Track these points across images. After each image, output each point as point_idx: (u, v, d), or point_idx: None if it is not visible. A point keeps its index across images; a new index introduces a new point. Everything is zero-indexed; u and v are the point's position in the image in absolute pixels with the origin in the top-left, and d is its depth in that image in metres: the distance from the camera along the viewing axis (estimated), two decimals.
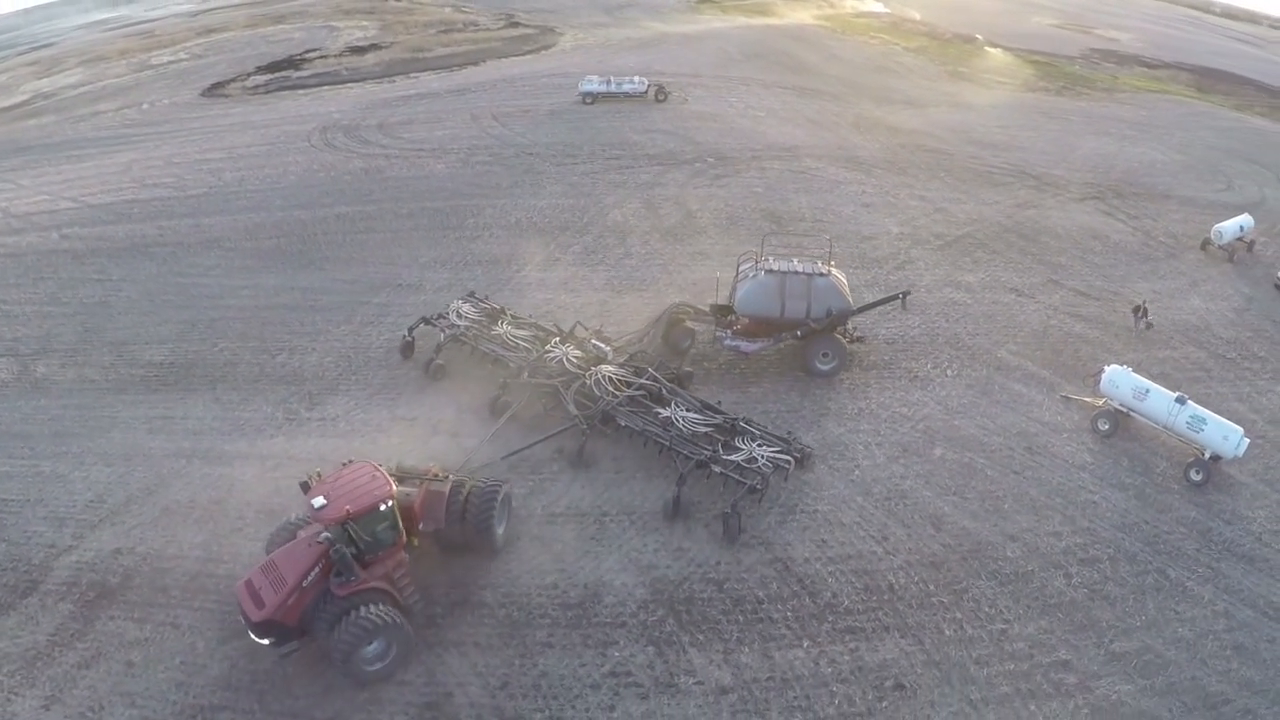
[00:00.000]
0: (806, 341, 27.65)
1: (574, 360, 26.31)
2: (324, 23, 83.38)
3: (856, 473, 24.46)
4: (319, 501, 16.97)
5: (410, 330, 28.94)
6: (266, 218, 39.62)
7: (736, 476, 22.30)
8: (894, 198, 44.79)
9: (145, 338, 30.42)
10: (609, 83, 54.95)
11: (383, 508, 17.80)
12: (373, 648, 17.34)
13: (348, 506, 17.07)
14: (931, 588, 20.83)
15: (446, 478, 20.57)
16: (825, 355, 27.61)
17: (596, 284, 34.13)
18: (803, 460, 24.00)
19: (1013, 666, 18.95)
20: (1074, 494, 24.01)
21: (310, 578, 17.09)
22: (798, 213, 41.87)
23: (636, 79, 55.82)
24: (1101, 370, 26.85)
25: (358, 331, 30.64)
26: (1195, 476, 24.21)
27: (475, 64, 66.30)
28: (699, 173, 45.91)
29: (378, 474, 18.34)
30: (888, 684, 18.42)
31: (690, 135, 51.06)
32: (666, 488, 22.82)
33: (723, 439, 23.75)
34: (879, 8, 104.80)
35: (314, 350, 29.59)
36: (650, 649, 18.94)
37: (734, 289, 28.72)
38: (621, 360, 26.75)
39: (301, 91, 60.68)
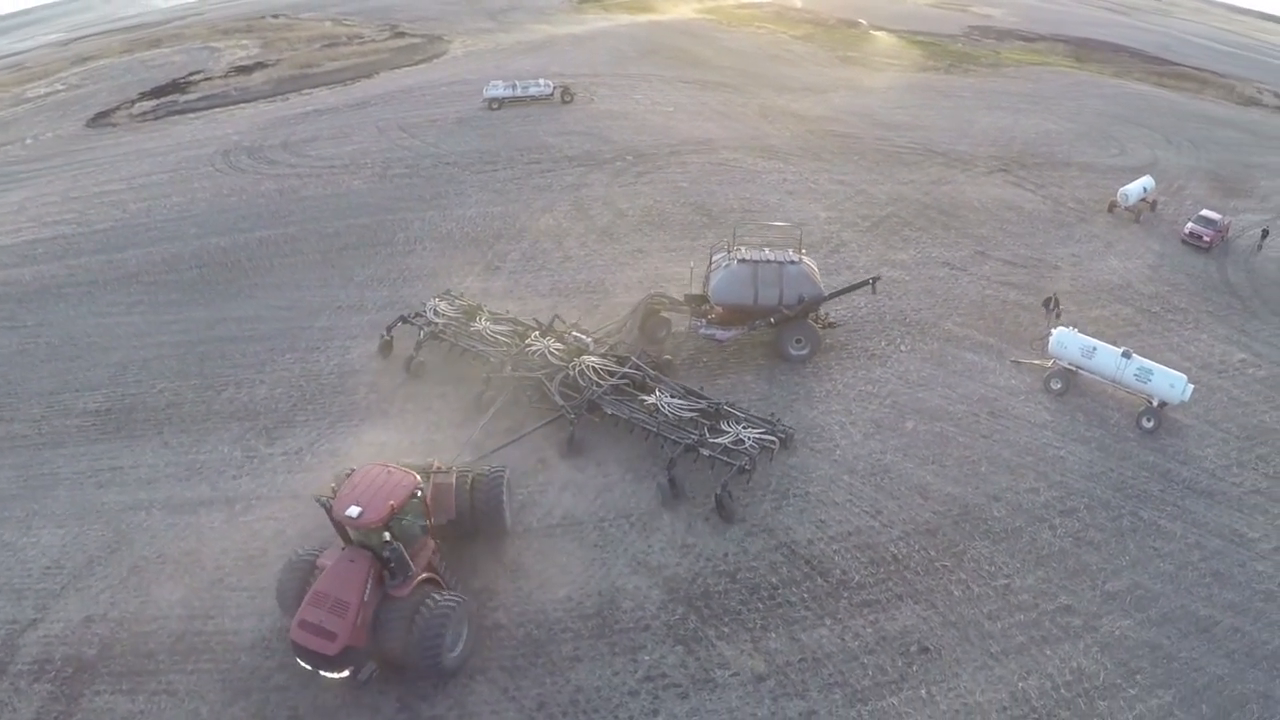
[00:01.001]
0: (780, 328, 28.90)
1: (556, 352, 27.20)
2: (203, 44, 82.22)
3: (838, 452, 25.76)
4: (355, 510, 17.11)
5: (389, 329, 29.71)
6: (183, 248, 38.31)
7: (725, 458, 23.38)
8: (814, 183, 47.01)
9: (75, 385, 28.92)
10: (514, 87, 55.55)
11: (416, 497, 18.32)
12: (449, 636, 17.80)
13: (391, 502, 17.38)
14: (932, 554, 22.28)
15: (450, 470, 21.12)
16: (799, 341, 28.94)
17: (542, 290, 34.39)
18: (786, 441, 25.25)
19: (1022, 617, 20.59)
20: (1041, 451, 26.15)
21: (368, 591, 17.15)
22: (725, 204, 43.32)
23: (542, 81, 56.55)
24: (1049, 333, 29.27)
25: (304, 358, 29.96)
26: (1147, 424, 26.85)
27: (368, 76, 66.15)
28: (621, 171, 46.81)
29: (392, 469, 18.62)
30: (912, 649, 19.65)
31: (605, 135, 51.94)
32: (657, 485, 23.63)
33: (708, 423, 24.78)
34: None
35: (261, 382, 28.79)
36: (679, 648, 19.45)
37: (707, 279, 29.74)
38: (603, 351, 27.72)
39: (192, 115, 59.51)
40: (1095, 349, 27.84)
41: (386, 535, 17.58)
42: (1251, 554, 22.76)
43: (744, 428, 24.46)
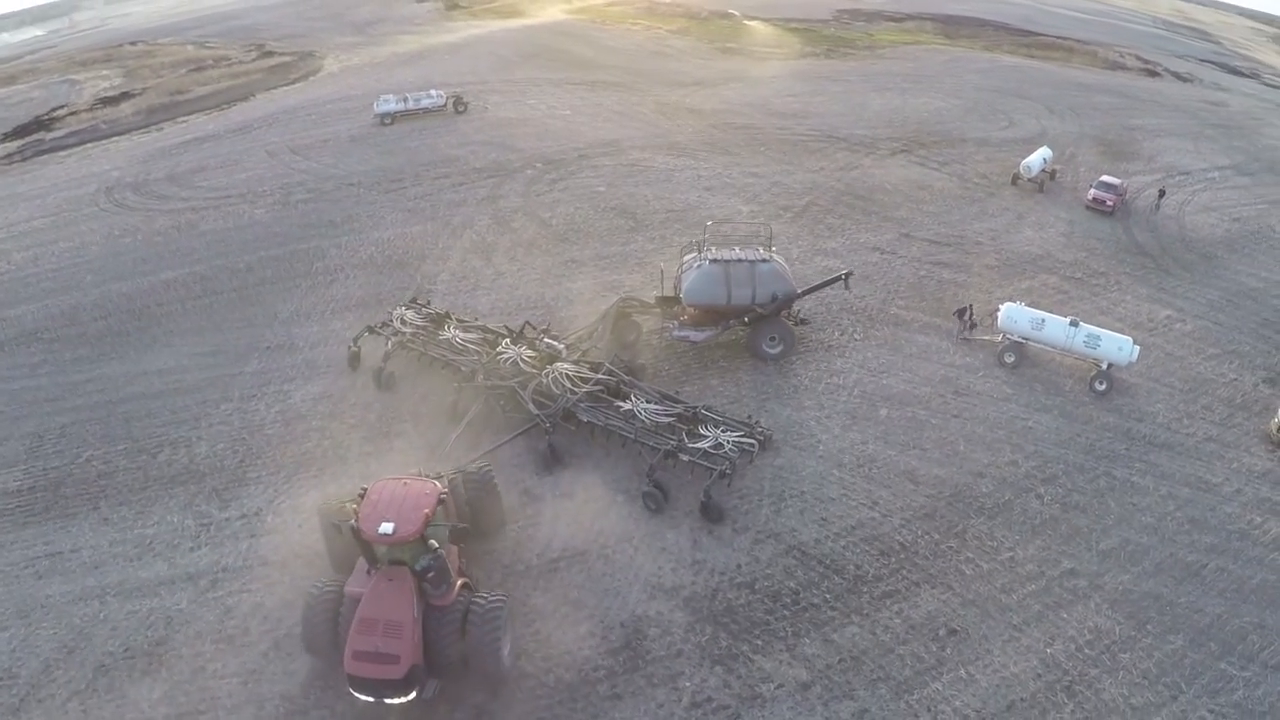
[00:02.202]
0: (754, 327, 29.65)
1: (528, 360, 27.49)
2: (61, 77, 78.64)
3: (821, 448, 26.73)
4: (388, 527, 17.40)
5: (355, 340, 30.16)
6: (82, 297, 36.17)
7: (705, 463, 23.96)
8: (729, 178, 48.34)
9: None
10: (406, 100, 54.87)
11: (442, 503, 18.92)
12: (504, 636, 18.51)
13: (425, 511, 17.88)
14: (936, 537, 23.52)
15: (440, 477, 21.05)
16: (773, 339, 29.80)
17: (482, 309, 33.96)
18: (765, 443, 26.00)
19: (1033, 587, 22.07)
20: (1011, 424, 28.02)
21: (416, 607, 17.35)
22: (647, 205, 43.98)
23: (434, 92, 56.08)
24: (997, 309, 31.37)
25: (241, 409, 28.66)
26: (1099, 387, 29.24)
27: (244, 99, 64.45)
28: (534, 180, 46.69)
29: (409, 480, 19.05)
30: (941, 632, 20.74)
31: (508, 143, 51.67)
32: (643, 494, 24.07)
33: (685, 428, 25.29)
34: None
35: (199, 439, 27.39)
36: (718, 669, 19.73)
37: (679, 280, 30.25)
38: (575, 357, 28.00)
39: (63, 153, 56.64)
40: (1044, 320, 30.06)
41: (434, 543, 17.93)
42: (1218, 498, 25.25)
43: (722, 431, 25.08)
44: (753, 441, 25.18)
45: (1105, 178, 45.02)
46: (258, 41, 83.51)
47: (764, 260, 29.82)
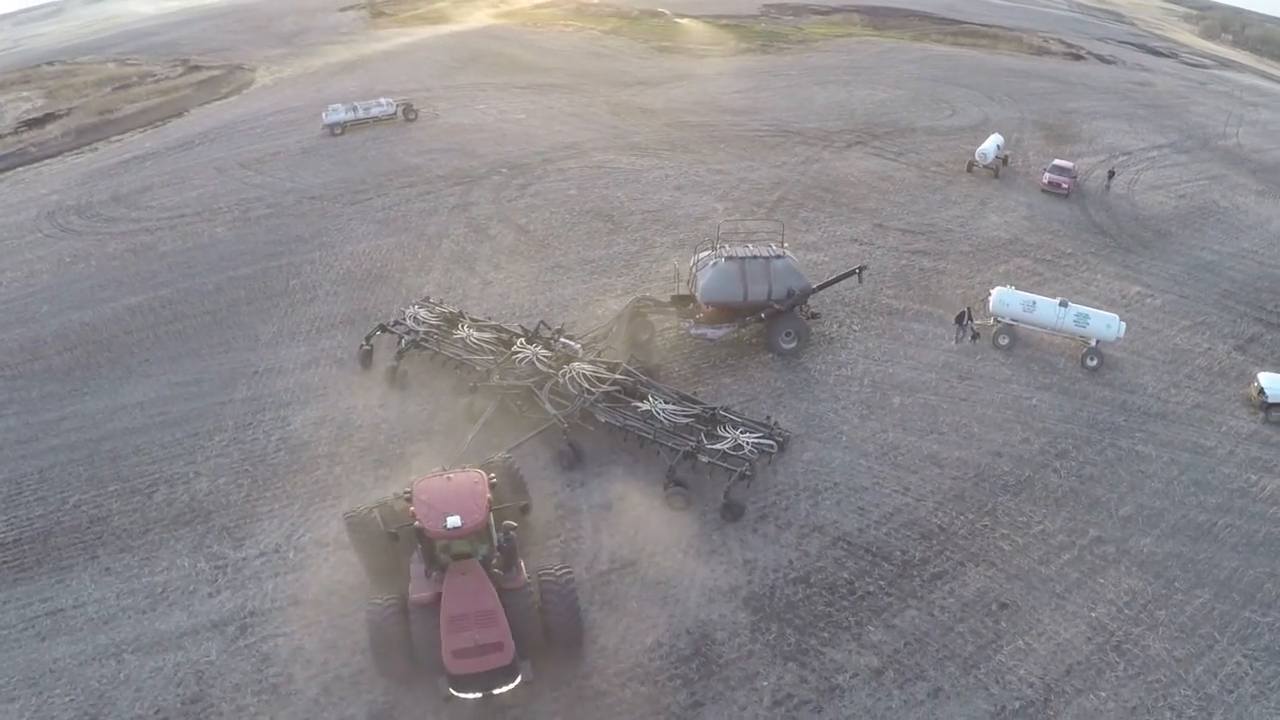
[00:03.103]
0: (770, 322, 30.42)
1: (544, 359, 27.69)
2: None
3: (844, 439, 27.71)
4: (454, 520, 17.88)
5: (368, 339, 30.48)
6: (40, 329, 34.41)
7: (725, 465, 24.47)
8: (697, 176, 49.14)
9: None
10: (355, 109, 54.12)
11: (493, 488, 19.75)
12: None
13: (485, 495, 18.63)
14: (969, 516, 24.74)
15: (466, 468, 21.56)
16: (788, 335, 30.64)
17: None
18: (784, 445, 26.44)
19: (1068, 556, 23.50)
20: (1016, 404, 29.58)
21: (497, 595, 17.94)
22: (622, 207, 44.40)
23: (384, 100, 55.50)
24: (988, 293, 32.98)
25: (237, 439, 27.70)
26: (1091, 363, 31.10)
27: (178, 115, 62.70)
28: (502, 186, 46.57)
29: (452, 473, 19.63)
30: (994, 607, 21.90)
31: (468, 149, 51.36)
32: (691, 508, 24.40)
33: (704, 429, 25.74)
34: None
35: (197, 475, 26.32)
36: (791, 665, 20.35)
37: (694, 279, 30.80)
38: (592, 357, 28.32)
39: None
40: (1035, 303, 31.78)
41: (511, 523, 18.81)
42: (1215, 460, 27.30)
43: (741, 432, 25.56)
44: (771, 443, 25.61)
45: (1058, 161, 47.56)
46: (181, 57, 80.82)
47: (779, 256, 30.67)
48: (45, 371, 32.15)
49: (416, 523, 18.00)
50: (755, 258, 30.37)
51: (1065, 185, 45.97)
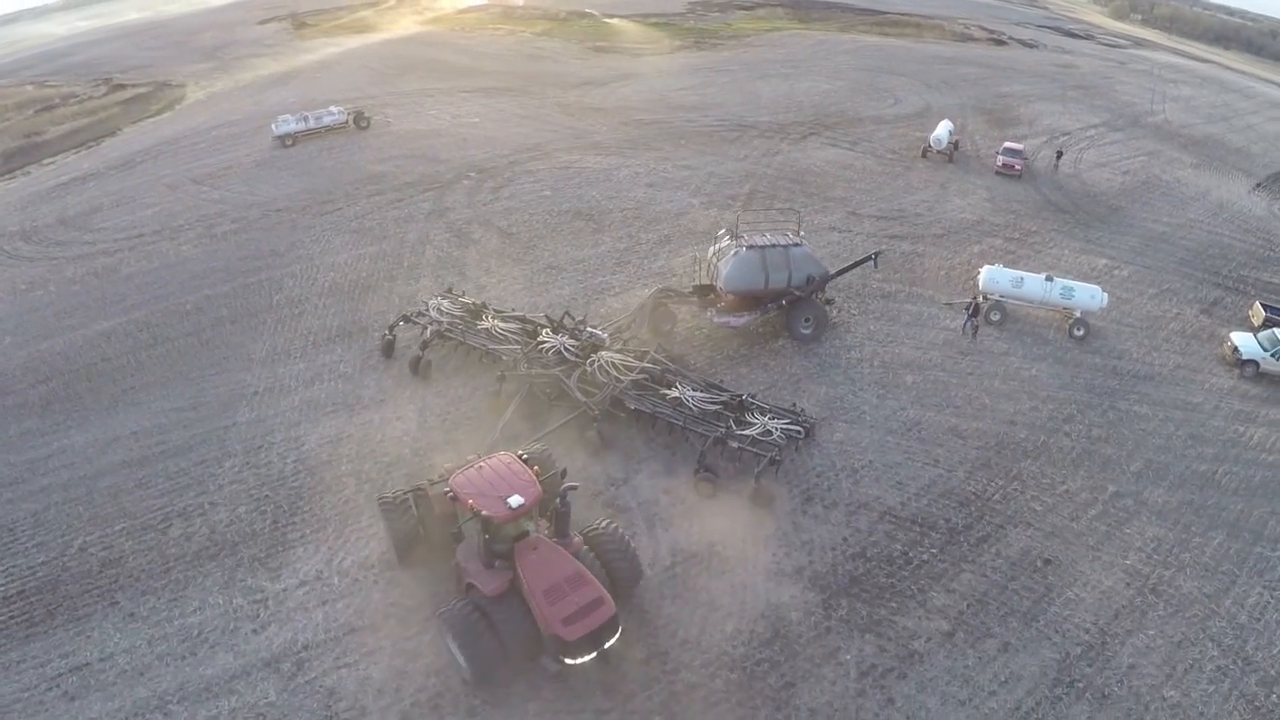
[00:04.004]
0: (789, 309, 31.54)
1: (571, 348, 28.42)
2: None
3: (868, 419, 29.04)
4: (516, 500, 18.46)
5: (390, 329, 31.14)
6: (6, 363, 32.69)
7: (754, 450, 25.51)
8: (665, 173, 50.07)
9: None
10: (306, 119, 53.22)
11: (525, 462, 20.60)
12: None
13: (535, 469, 19.78)
14: (999, 482, 26.37)
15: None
16: (807, 320, 31.83)
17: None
18: (811, 430, 27.61)
19: (1094, 512, 25.35)
20: (1018, 375, 31.49)
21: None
22: (600, 206, 44.97)
23: (334, 109, 54.81)
24: (978, 272, 34.91)
25: (250, 463, 26.69)
26: (1078, 333, 33.33)
27: (111, 134, 60.56)
28: (474, 190, 46.51)
29: (483, 460, 20.17)
30: (1039, 564, 23.51)
31: (431, 154, 51.03)
32: (732, 498, 25.13)
33: (732, 415, 26.69)
34: (475, 1, 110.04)
35: (214, 505, 25.05)
36: (868, 636, 21.40)
37: (715, 269, 31.77)
38: (619, 346, 29.14)
39: None
40: (1023, 279, 33.83)
41: (573, 484, 20.01)
42: (1205, 415, 29.77)
43: (769, 418, 26.69)
44: (799, 429, 26.71)
45: (1009, 144, 50.30)
46: (102, 76, 77.77)
47: (796, 244, 31.78)
48: (20, 407, 30.33)
49: (484, 512, 18.04)
50: (775, 246, 31.45)
51: (1018, 167, 48.70)
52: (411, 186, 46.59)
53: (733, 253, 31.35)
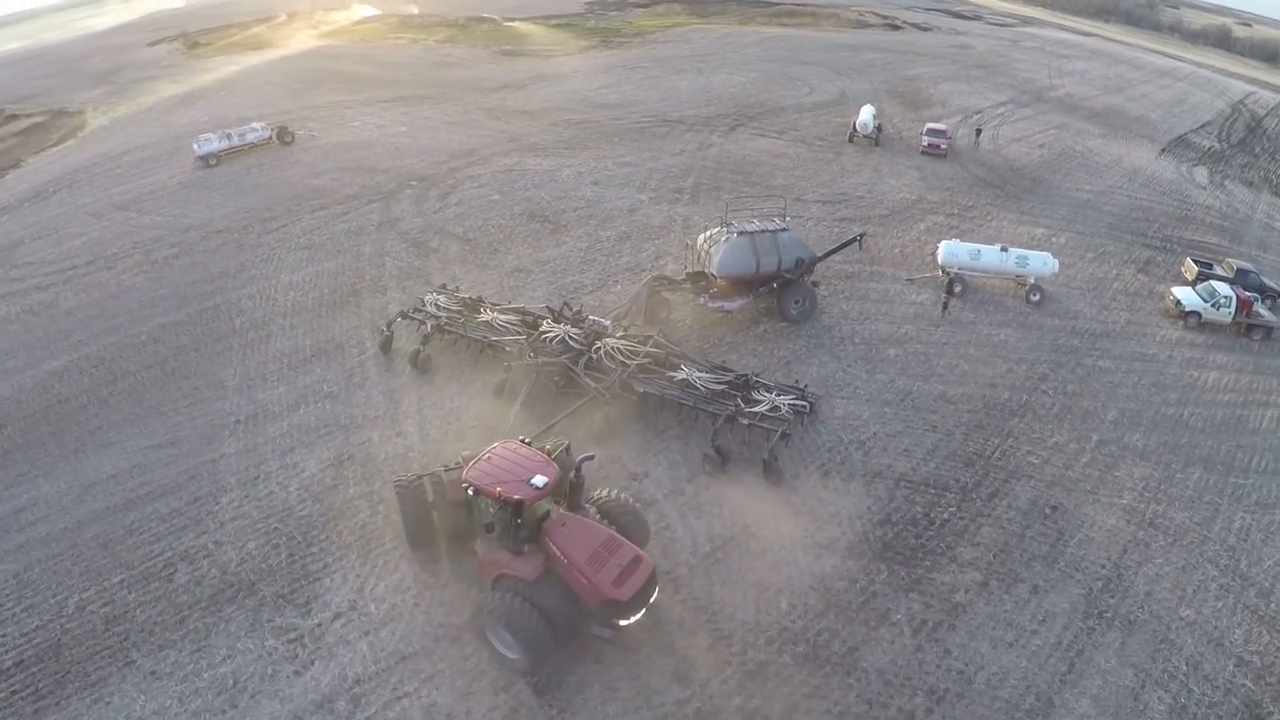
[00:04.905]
0: (780, 292, 32.64)
1: (575, 336, 29.06)
2: None
3: (862, 394, 30.39)
4: (540, 480, 19.08)
5: (389, 325, 31.39)
6: None
7: (765, 426, 26.57)
8: (607, 170, 50.54)
9: None
10: (230, 137, 51.06)
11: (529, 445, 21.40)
12: None
13: (547, 448, 20.56)
14: (995, 440, 28.17)
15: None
16: (797, 302, 32.98)
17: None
18: (814, 405, 28.87)
19: (1086, 459, 27.47)
20: (989, 341, 33.57)
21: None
22: (552, 206, 45.06)
23: (256, 125, 53.09)
24: (936, 247, 36.92)
25: (249, 496, 25.39)
26: (1034, 298, 35.74)
27: (15, 166, 56.16)
28: (420, 199, 45.81)
29: (496, 448, 20.51)
30: (1047, 510, 25.33)
31: (366, 165, 49.91)
32: (753, 481, 25.90)
33: (739, 394, 27.67)
34: (370, 10, 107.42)
35: (220, 544, 23.64)
36: (912, 594, 22.59)
37: (707, 256, 32.62)
38: (622, 333, 29.85)
39: None
40: (980, 251, 36.01)
41: (589, 454, 20.74)
42: (1161, 364, 32.57)
43: (776, 395, 27.75)
44: (805, 403, 27.91)
45: (931, 125, 53.07)
46: None
47: (784, 229, 32.87)
48: None
49: (515, 497, 18.35)
50: (764, 231, 32.49)
51: (943, 146, 51.48)
52: (354, 199, 45.45)
53: (724, 239, 32.20)
